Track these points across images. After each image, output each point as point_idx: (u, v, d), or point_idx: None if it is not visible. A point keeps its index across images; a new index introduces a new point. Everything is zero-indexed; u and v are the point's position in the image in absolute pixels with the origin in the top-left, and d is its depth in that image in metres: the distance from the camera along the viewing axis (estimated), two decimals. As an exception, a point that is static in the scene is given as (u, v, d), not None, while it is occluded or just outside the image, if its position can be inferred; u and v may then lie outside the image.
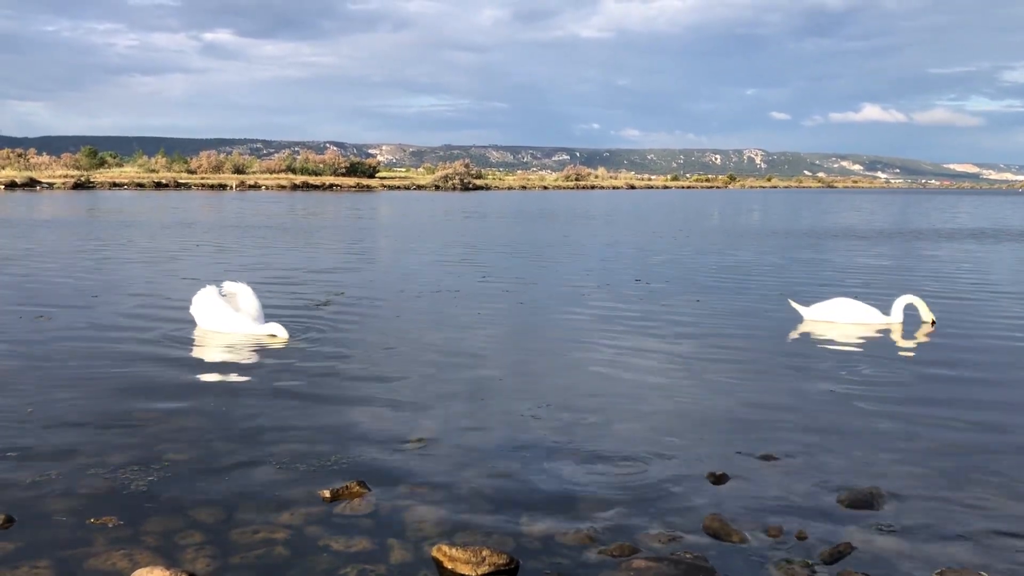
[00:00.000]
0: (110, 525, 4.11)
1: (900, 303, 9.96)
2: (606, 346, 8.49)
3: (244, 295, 9.12)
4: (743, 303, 11.63)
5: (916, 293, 10.36)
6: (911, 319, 10.04)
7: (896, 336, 9.42)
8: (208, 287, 9.11)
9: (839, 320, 10.02)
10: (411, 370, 7.33)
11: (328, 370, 7.35)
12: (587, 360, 7.87)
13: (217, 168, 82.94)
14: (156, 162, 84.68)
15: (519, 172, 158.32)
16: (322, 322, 9.44)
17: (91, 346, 8.13)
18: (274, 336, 8.59)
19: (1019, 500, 4.61)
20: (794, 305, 10.39)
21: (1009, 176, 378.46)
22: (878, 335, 9.46)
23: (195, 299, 9.12)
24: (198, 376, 7.13)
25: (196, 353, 7.99)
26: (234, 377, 7.16)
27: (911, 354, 8.57)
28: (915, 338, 9.31)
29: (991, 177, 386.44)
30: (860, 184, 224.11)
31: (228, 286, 9.21)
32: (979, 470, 5.06)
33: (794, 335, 9.33)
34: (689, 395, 6.69)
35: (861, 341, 9.08)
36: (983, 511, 4.45)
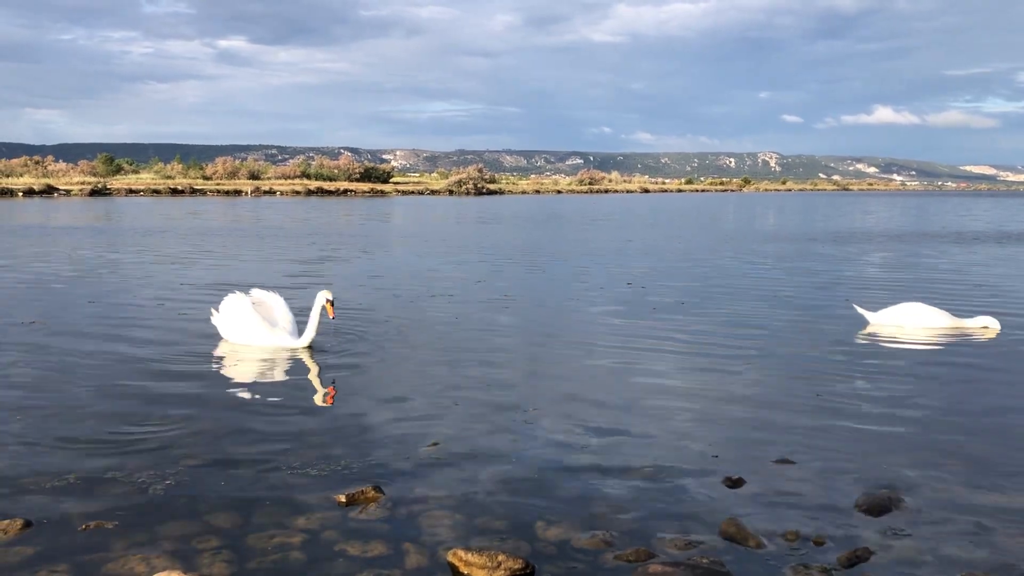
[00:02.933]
0: (109, 527, 4.13)
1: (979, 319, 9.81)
2: (618, 351, 8.47)
3: (276, 305, 8.49)
4: (755, 308, 11.58)
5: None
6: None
7: (956, 340, 9.26)
8: (236, 295, 8.50)
9: (908, 325, 9.81)
10: (422, 375, 7.34)
11: (339, 376, 7.37)
12: (600, 364, 7.86)
13: (232, 174, 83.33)
14: (172, 168, 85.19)
15: (532, 176, 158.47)
16: (326, 328, 9.35)
17: (96, 352, 8.18)
18: (306, 349, 8.15)
19: (1039, 504, 4.56)
20: (859, 310, 10.23)
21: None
22: (948, 339, 9.30)
23: (222, 308, 8.50)
24: (213, 382, 7.16)
25: (209, 359, 8.01)
26: (248, 383, 7.18)
27: (949, 358, 8.43)
28: (971, 343, 9.12)
29: (1008, 179, 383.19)
30: (876, 187, 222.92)
31: (258, 295, 8.56)
32: (998, 475, 5.02)
33: (811, 339, 9.26)
34: (704, 399, 6.67)
35: (891, 345, 9.01)
36: (1001, 516, 4.41)
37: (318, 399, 6.57)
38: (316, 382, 7.17)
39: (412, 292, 12.65)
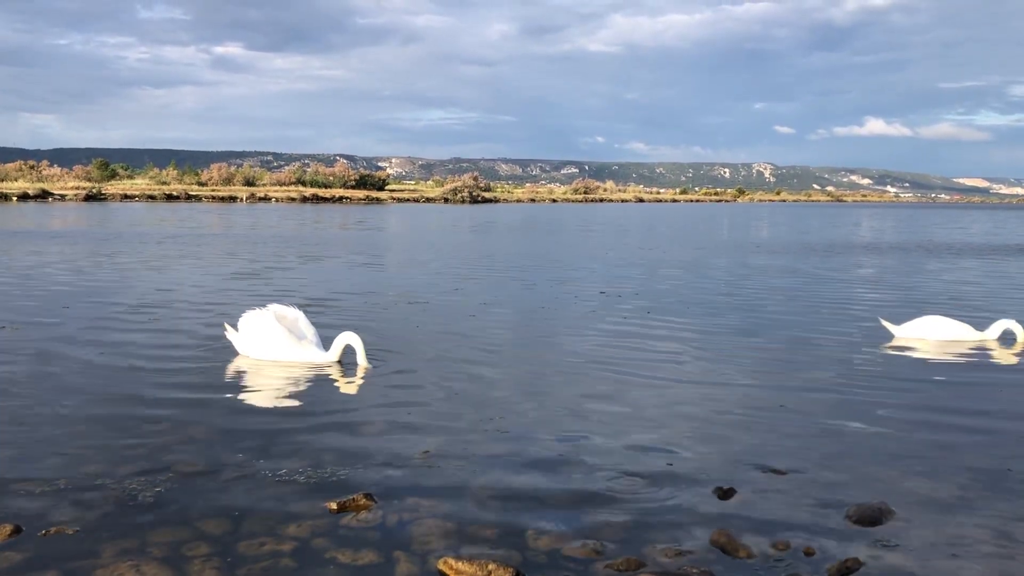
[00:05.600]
0: (69, 532, 4.12)
1: (999, 325, 9.70)
2: (605, 359, 8.47)
3: (299, 319, 8.20)
4: (748, 318, 11.60)
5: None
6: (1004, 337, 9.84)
7: (972, 352, 9.18)
8: (256, 311, 8.20)
9: (931, 338, 9.74)
10: (415, 382, 7.33)
11: (331, 383, 7.37)
12: (588, 373, 7.86)
13: (228, 180, 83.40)
14: (167, 174, 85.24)
15: (528, 185, 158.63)
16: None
17: (78, 356, 8.14)
18: (336, 364, 7.93)
19: (1029, 516, 4.57)
20: (884, 324, 10.14)
21: (1020, 191, 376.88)
22: (964, 352, 9.21)
23: (244, 324, 8.16)
24: (204, 388, 7.14)
25: (201, 365, 7.99)
26: (240, 389, 7.17)
27: (956, 371, 8.39)
28: (987, 356, 9.04)
29: (1001, 191, 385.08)
30: (869, 198, 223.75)
31: (278, 309, 8.21)
32: (991, 487, 5.03)
33: (804, 349, 9.28)
34: (695, 409, 6.67)
35: (897, 357, 9.01)
36: (994, 528, 4.42)
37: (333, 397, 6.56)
38: (305, 388, 7.16)
39: (389, 299, 12.62)
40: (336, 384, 7.31)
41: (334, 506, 4.50)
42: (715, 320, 11.22)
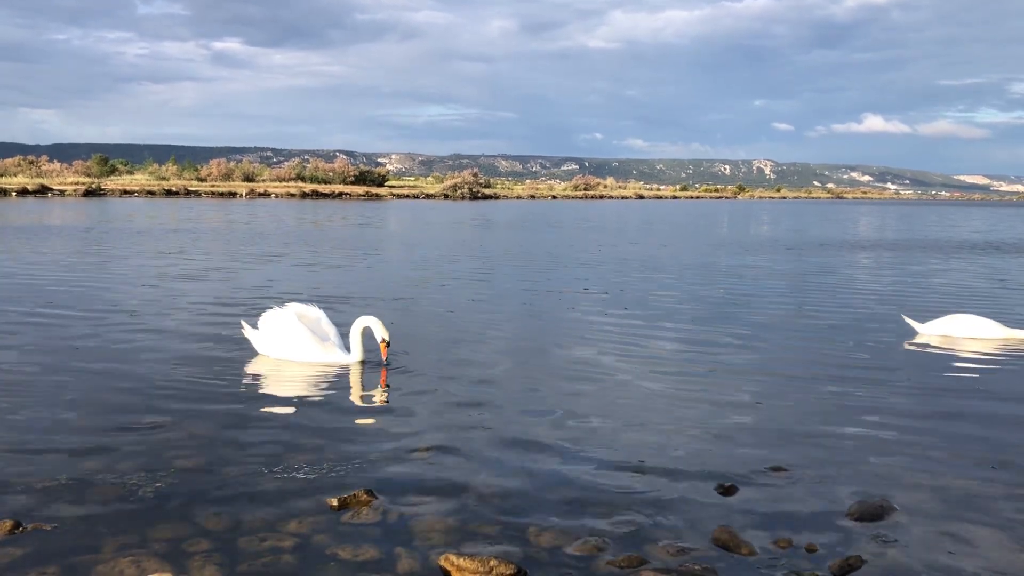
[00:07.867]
0: (47, 528, 4.11)
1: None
2: (608, 356, 8.46)
3: (321, 319, 8.04)
4: (751, 317, 11.59)
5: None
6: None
7: (1003, 352, 9.05)
8: (277, 310, 8.03)
9: (958, 335, 9.59)
10: (414, 379, 7.33)
11: (332, 379, 7.36)
12: (586, 371, 7.85)
13: (227, 176, 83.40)
14: (167, 170, 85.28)
15: (528, 181, 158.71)
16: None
17: (72, 355, 8.13)
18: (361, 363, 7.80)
19: (1031, 514, 4.56)
20: (908, 321, 10.01)
21: (1020, 188, 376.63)
22: (992, 352, 9.07)
23: (264, 323, 8.02)
24: (206, 385, 7.12)
25: (201, 361, 7.98)
26: (240, 386, 7.16)
27: (946, 368, 8.38)
28: (1000, 356, 8.88)
29: (1002, 189, 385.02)
30: (870, 195, 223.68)
31: (297, 308, 8.03)
32: (991, 484, 5.02)
33: (804, 348, 9.27)
34: (697, 406, 6.66)
35: (903, 357, 9.00)
36: (994, 524, 4.41)
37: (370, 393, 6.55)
38: (306, 385, 7.16)
39: (375, 298, 12.57)
40: (336, 382, 7.30)
41: (335, 502, 4.49)
42: (721, 317, 11.20)
